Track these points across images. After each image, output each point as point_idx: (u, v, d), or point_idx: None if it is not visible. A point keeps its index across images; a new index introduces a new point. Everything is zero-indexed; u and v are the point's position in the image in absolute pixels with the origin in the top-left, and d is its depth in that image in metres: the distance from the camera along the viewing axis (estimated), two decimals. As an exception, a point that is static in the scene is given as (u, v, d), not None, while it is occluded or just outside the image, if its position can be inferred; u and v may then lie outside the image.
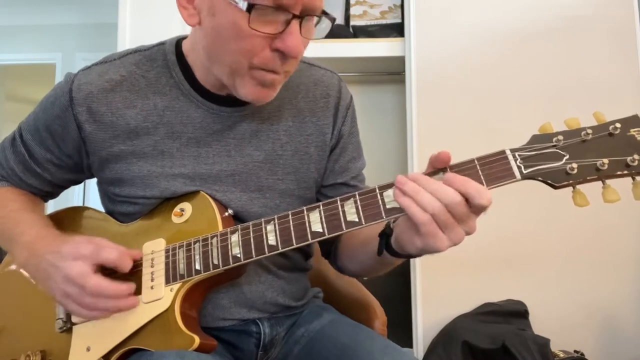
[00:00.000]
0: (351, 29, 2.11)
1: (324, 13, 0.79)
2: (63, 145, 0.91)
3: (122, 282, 0.81)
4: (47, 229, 0.89)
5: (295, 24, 0.75)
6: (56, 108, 0.89)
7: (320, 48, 1.95)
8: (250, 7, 0.73)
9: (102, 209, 0.98)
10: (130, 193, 0.89)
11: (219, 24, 0.77)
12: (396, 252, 0.77)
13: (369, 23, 2.09)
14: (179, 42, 0.92)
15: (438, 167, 0.70)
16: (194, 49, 0.88)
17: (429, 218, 0.66)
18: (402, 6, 2.03)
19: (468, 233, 0.69)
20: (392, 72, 2.19)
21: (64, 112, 0.88)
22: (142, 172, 0.88)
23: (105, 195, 0.96)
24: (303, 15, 0.76)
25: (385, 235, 0.78)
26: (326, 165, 0.99)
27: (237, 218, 0.89)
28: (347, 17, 2.14)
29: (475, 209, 0.67)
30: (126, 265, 0.82)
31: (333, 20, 0.81)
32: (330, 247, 1.02)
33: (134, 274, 0.85)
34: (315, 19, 0.80)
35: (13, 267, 0.98)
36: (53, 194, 1.02)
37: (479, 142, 1.75)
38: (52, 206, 1.11)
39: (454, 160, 0.71)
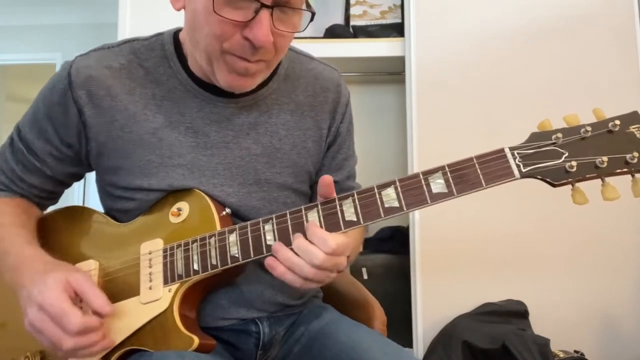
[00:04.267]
0: (351, 29, 2.11)
1: (307, 4, 0.79)
2: (64, 133, 0.90)
3: (92, 334, 0.76)
4: (29, 250, 0.85)
5: (264, 13, 0.75)
6: (55, 94, 0.89)
7: (320, 48, 1.95)
8: None
9: (101, 209, 0.98)
10: (129, 183, 0.89)
11: (195, 7, 0.79)
12: None
13: (369, 23, 2.09)
14: (176, 33, 0.93)
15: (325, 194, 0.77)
16: (186, 38, 0.89)
17: (303, 281, 0.76)
18: (402, 6, 2.03)
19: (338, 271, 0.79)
20: (392, 72, 2.19)
21: (64, 97, 0.88)
22: (141, 161, 0.88)
23: (104, 191, 0.95)
24: (273, 6, 0.75)
25: None
26: (323, 161, 0.99)
27: (236, 213, 0.89)
28: (347, 17, 2.14)
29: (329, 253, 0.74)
30: (92, 328, 0.75)
31: (313, 14, 0.81)
32: None
33: (131, 275, 0.85)
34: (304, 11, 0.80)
35: None
36: (54, 195, 1.00)
37: (479, 142, 1.73)
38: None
39: (452, 160, 0.71)
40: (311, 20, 0.81)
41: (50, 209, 1.03)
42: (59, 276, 0.77)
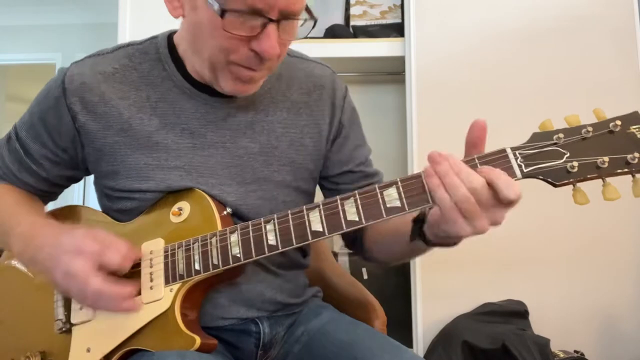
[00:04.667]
0: (351, 29, 2.11)
1: (308, 12, 0.80)
2: (58, 138, 0.91)
3: (125, 284, 0.80)
4: (43, 219, 0.89)
5: (271, 27, 0.76)
6: (50, 100, 0.90)
7: (320, 48, 1.95)
8: (224, 12, 0.74)
9: (100, 209, 0.98)
10: (126, 186, 0.89)
11: (199, 20, 0.79)
12: (429, 239, 0.76)
13: (369, 23, 2.09)
14: (170, 35, 0.93)
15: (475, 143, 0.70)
16: (183, 41, 0.89)
17: (452, 204, 0.66)
18: (402, 6, 2.03)
19: (494, 224, 0.68)
20: (392, 72, 2.19)
21: (57, 103, 0.88)
22: (137, 165, 0.88)
23: (102, 193, 0.95)
24: (280, 19, 0.76)
25: (419, 221, 0.77)
26: (329, 155, 0.99)
27: (235, 211, 0.89)
28: (347, 17, 2.14)
29: (503, 200, 0.66)
30: (127, 268, 0.81)
31: (315, 20, 0.81)
32: (355, 236, 1.02)
33: (133, 274, 0.85)
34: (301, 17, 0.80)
35: (13, 262, 0.97)
36: (52, 194, 1.01)
37: (479, 142, 1.75)
38: (52, 205, 1.10)
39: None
40: (313, 26, 0.82)
41: (51, 207, 1.03)
42: (84, 229, 0.82)
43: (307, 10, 0.80)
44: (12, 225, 0.87)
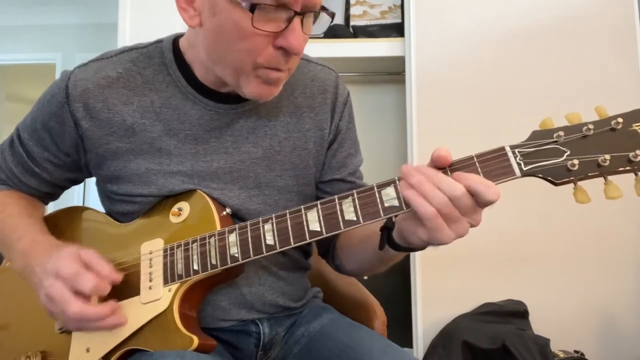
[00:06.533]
0: (351, 29, 2.11)
1: (323, 8, 0.80)
2: (61, 143, 0.91)
3: (104, 304, 0.80)
4: (42, 236, 0.89)
5: (296, 21, 0.76)
6: (53, 105, 0.89)
7: (320, 48, 1.95)
8: (253, 7, 0.73)
9: (101, 209, 0.98)
10: (128, 191, 0.89)
11: (221, 24, 0.77)
12: (398, 245, 0.76)
13: (369, 23, 2.10)
14: (176, 39, 0.92)
15: (439, 167, 0.69)
16: (191, 46, 0.88)
17: (434, 212, 0.66)
18: (402, 6, 2.03)
19: (473, 225, 0.69)
20: (392, 72, 2.19)
21: (61, 108, 0.88)
22: (139, 170, 0.88)
23: (104, 195, 0.96)
24: (304, 12, 0.76)
25: (387, 229, 0.78)
26: (324, 160, 0.99)
27: (236, 216, 0.89)
28: (347, 17, 2.14)
29: (482, 203, 0.66)
30: (103, 292, 0.80)
31: (332, 15, 0.82)
32: (328, 246, 1.02)
33: (132, 274, 0.85)
34: (314, 14, 0.80)
35: (8, 264, 0.98)
36: (53, 195, 1.02)
37: (479, 142, 1.73)
38: (52, 206, 1.11)
39: (453, 159, 0.70)
40: (332, 21, 0.83)
41: (52, 208, 1.03)
42: (71, 249, 0.81)
43: (323, 7, 0.80)
44: (13, 239, 0.88)
